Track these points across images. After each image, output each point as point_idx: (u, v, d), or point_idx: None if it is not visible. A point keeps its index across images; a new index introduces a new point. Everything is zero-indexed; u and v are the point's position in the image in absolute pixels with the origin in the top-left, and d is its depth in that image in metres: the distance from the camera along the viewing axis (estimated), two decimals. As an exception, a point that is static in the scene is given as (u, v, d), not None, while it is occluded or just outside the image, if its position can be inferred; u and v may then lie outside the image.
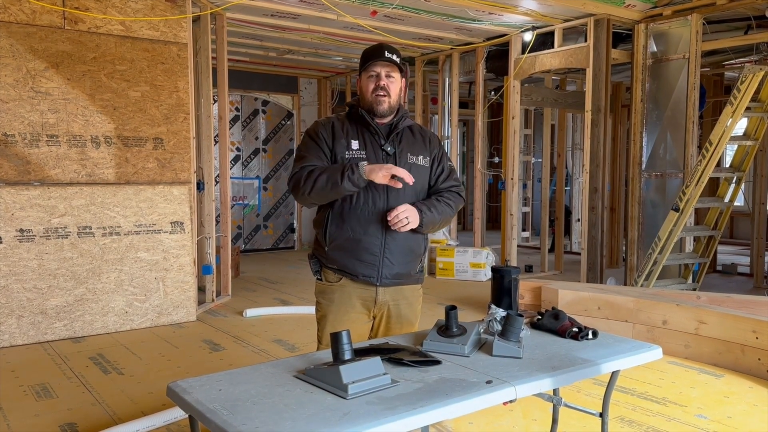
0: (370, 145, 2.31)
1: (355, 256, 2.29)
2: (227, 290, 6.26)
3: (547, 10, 6.13)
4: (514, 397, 1.75)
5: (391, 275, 2.33)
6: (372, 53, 2.31)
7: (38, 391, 3.62)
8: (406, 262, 2.36)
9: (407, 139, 2.38)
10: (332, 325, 2.32)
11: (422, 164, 2.38)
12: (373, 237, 2.28)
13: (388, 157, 2.31)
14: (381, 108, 2.30)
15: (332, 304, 2.36)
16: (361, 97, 2.35)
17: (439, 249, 7.49)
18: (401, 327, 2.41)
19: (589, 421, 3.05)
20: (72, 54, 4.72)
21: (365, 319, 2.38)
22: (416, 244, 2.38)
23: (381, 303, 2.36)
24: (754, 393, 3.61)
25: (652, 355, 2.13)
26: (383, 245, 2.29)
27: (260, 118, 9.67)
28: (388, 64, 2.29)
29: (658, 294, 4.75)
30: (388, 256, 2.30)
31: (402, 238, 2.31)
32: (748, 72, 5.22)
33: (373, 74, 2.30)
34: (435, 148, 2.44)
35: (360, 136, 2.32)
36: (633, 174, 6.39)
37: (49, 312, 4.66)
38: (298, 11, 6.02)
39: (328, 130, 2.33)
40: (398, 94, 2.34)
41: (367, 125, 2.33)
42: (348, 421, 1.49)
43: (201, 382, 1.76)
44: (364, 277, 2.31)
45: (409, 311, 2.43)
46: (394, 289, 2.37)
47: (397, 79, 2.33)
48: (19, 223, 4.54)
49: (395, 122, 2.35)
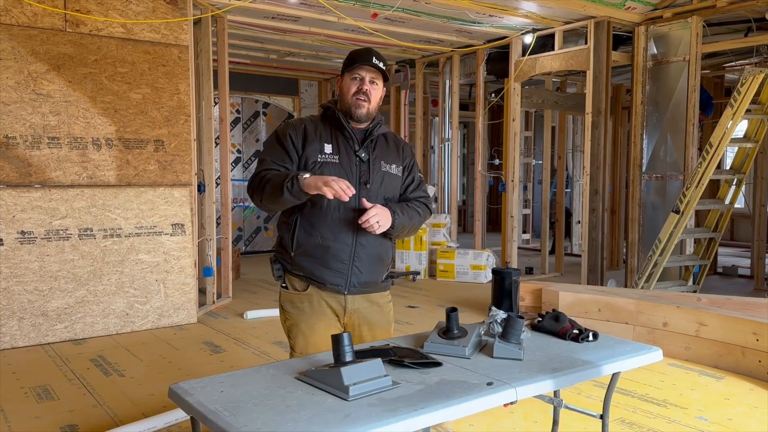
0: (343, 150, 2.26)
1: (324, 263, 2.25)
2: (228, 292, 6.27)
3: (547, 12, 6.14)
4: (515, 398, 1.76)
5: (360, 283, 2.30)
6: (359, 56, 2.27)
7: (39, 393, 3.62)
8: (374, 271, 2.33)
9: (381, 147, 2.34)
10: (305, 334, 2.29)
11: (395, 173, 2.35)
12: (342, 244, 2.23)
13: (362, 164, 2.27)
14: (359, 112, 2.26)
15: (302, 314, 2.31)
16: (341, 97, 2.30)
17: (440, 251, 7.49)
18: (373, 334, 2.37)
19: (589, 423, 3.05)
20: (73, 56, 4.73)
21: (336, 326, 2.34)
22: (384, 252, 2.36)
23: (351, 311, 2.33)
24: (755, 395, 3.61)
25: (653, 356, 2.13)
26: (353, 253, 2.25)
27: (261, 120, 9.68)
28: (373, 70, 2.26)
29: (658, 296, 4.75)
30: (357, 264, 2.26)
31: (371, 245, 2.28)
32: (749, 74, 5.22)
33: (357, 77, 2.26)
34: (407, 158, 2.42)
35: (334, 140, 2.27)
36: (633, 176, 6.39)
37: (50, 314, 4.67)
38: (299, 14, 6.03)
39: (299, 133, 2.27)
40: (378, 101, 2.31)
41: (342, 129, 2.28)
42: (349, 422, 1.50)
43: (203, 383, 1.76)
44: (332, 285, 2.27)
45: (380, 317, 2.40)
46: (363, 297, 2.34)
47: (380, 86, 2.30)
48: (21, 225, 4.54)
49: (371, 128, 2.32)
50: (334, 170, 2.22)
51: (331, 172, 2.20)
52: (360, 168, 2.27)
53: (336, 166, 2.23)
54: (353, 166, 2.26)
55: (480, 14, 6.14)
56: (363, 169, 2.27)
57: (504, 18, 6.29)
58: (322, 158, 2.23)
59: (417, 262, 7.54)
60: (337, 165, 2.23)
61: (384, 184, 2.30)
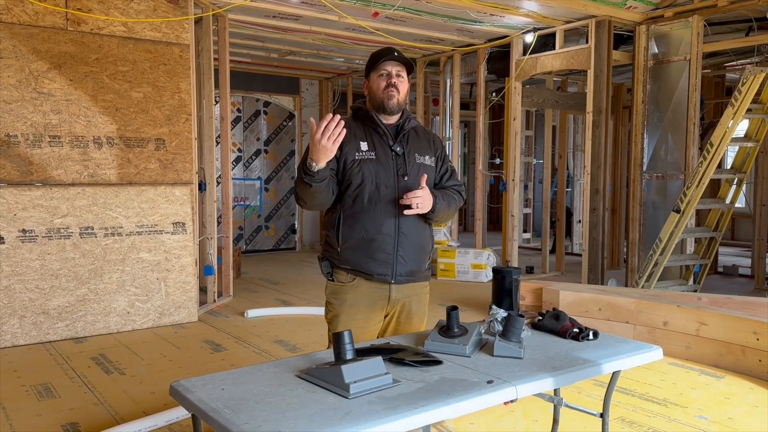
0: (379, 146, 2.34)
1: (369, 255, 2.31)
2: (229, 291, 6.27)
3: (548, 11, 6.14)
4: (515, 397, 1.76)
5: (405, 272, 2.36)
6: (382, 54, 2.36)
7: (40, 391, 3.63)
8: (417, 259, 2.39)
9: (414, 140, 2.42)
10: (345, 325, 2.32)
11: (429, 164, 2.42)
12: (386, 236, 2.30)
13: (398, 158, 2.34)
14: (391, 103, 2.33)
15: (344, 304, 2.36)
16: (371, 96, 2.39)
17: (441, 250, 7.49)
18: (410, 324, 2.44)
19: (589, 422, 3.05)
20: (74, 55, 4.73)
21: (378, 317, 2.40)
22: (425, 240, 2.43)
23: (394, 301, 2.38)
24: (755, 394, 3.61)
25: (653, 355, 2.14)
26: (396, 243, 2.31)
27: (262, 119, 9.68)
28: (398, 63, 2.35)
29: (659, 295, 4.75)
30: (401, 253, 2.33)
31: (413, 235, 2.35)
32: (749, 74, 5.22)
33: (384, 73, 2.34)
34: (438, 149, 2.51)
35: (368, 138, 2.35)
36: (634, 175, 6.39)
37: (51, 312, 4.68)
38: (300, 12, 6.03)
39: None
40: (406, 93, 2.39)
41: (375, 126, 2.36)
42: (350, 420, 1.50)
43: (204, 381, 1.77)
44: (379, 275, 2.33)
45: (418, 308, 2.46)
46: (407, 286, 2.39)
47: (405, 79, 2.38)
48: (22, 223, 4.55)
49: (401, 123, 2.39)
50: (372, 166, 2.30)
51: (369, 169, 2.29)
52: (396, 162, 2.34)
53: (374, 162, 2.30)
54: (390, 160, 2.33)
55: (481, 13, 6.14)
56: (399, 162, 2.34)
57: (505, 17, 6.29)
58: (359, 156, 2.30)
59: (417, 261, 7.53)
60: (374, 161, 2.30)
61: (420, 174, 2.34)
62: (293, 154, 9.98)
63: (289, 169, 9.96)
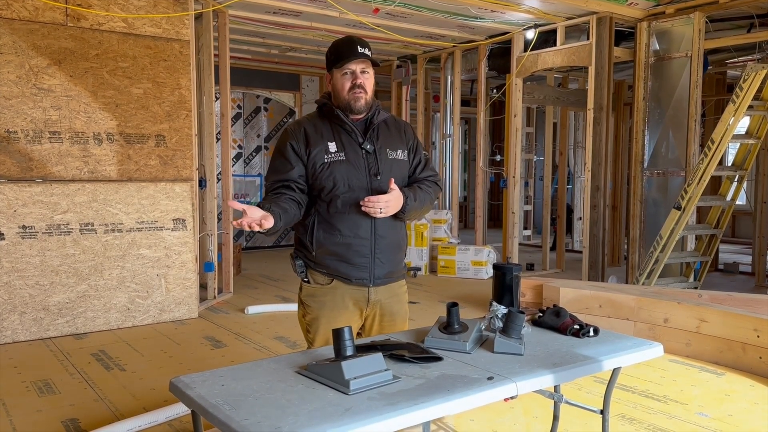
0: (348, 145, 2.25)
1: (346, 260, 2.26)
2: (229, 287, 6.27)
3: (549, 8, 6.13)
4: (515, 393, 1.76)
5: (383, 275, 2.32)
6: (344, 49, 2.22)
7: (40, 387, 3.63)
8: (394, 259, 2.35)
9: (384, 134, 2.32)
10: (326, 328, 2.27)
11: (402, 158, 2.34)
12: (363, 239, 2.25)
13: (368, 156, 2.25)
14: (358, 105, 2.23)
15: (324, 307, 2.31)
16: (335, 94, 2.27)
17: (441, 247, 7.49)
18: (394, 324, 2.39)
19: (590, 419, 3.05)
20: (74, 51, 4.72)
21: (357, 319, 2.35)
22: (402, 239, 2.39)
23: (373, 302, 2.34)
24: (755, 391, 3.61)
25: (653, 352, 2.13)
26: (374, 246, 2.27)
27: (262, 116, 9.67)
28: (362, 60, 2.22)
29: (659, 292, 4.75)
30: (378, 255, 2.28)
31: (390, 235, 2.30)
32: (751, 70, 5.21)
33: (348, 72, 2.22)
34: (410, 139, 2.40)
35: (336, 137, 2.25)
36: (635, 172, 6.38)
37: (51, 308, 4.67)
38: (301, 8, 6.02)
39: (300, 139, 2.24)
40: (372, 89, 2.28)
41: (342, 123, 2.26)
42: (350, 416, 1.50)
43: (203, 377, 1.77)
44: (357, 280, 2.28)
45: (399, 307, 2.42)
46: (385, 287, 2.35)
47: (371, 74, 2.27)
48: (22, 219, 4.55)
49: (370, 117, 2.30)
50: (343, 168, 2.22)
51: (340, 171, 2.21)
52: (367, 160, 2.26)
53: (344, 164, 2.22)
54: (360, 159, 2.25)
55: (482, 9, 6.12)
56: (371, 161, 2.26)
57: (506, 13, 6.28)
58: (328, 158, 2.22)
59: (418, 258, 7.54)
60: (344, 162, 2.22)
61: (393, 171, 2.29)
62: (294, 151, 9.95)
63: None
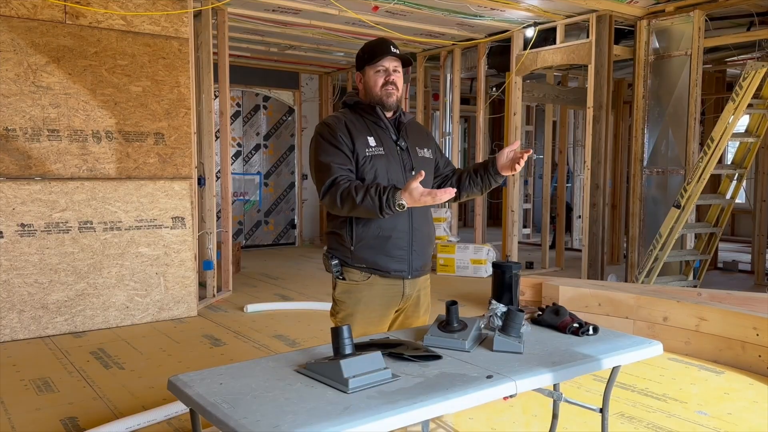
0: (385, 141, 2.32)
1: (386, 252, 2.29)
2: (228, 286, 6.27)
3: (549, 6, 6.12)
4: (515, 392, 1.75)
5: (420, 266, 2.38)
6: (379, 48, 2.32)
7: (39, 386, 3.63)
8: (428, 252, 2.43)
9: (413, 133, 2.43)
10: (360, 323, 2.29)
11: (429, 156, 2.44)
12: (401, 232, 2.30)
13: (403, 152, 2.34)
14: (390, 101, 2.32)
15: (359, 303, 2.32)
16: (368, 91, 2.34)
17: (440, 245, 7.49)
18: (417, 317, 2.46)
19: (589, 417, 3.05)
20: (73, 49, 4.71)
21: (390, 313, 2.40)
22: (433, 231, 2.48)
23: (408, 295, 2.39)
24: (755, 390, 3.61)
25: (653, 350, 2.13)
26: (410, 239, 2.32)
27: (261, 114, 9.66)
28: (395, 59, 2.32)
29: (658, 291, 4.75)
30: (415, 248, 2.34)
31: (424, 227, 2.37)
32: (751, 69, 5.20)
33: (381, 69, 2.31)
34: (431, 139, 2.56)
35: (374, 133, 2.32)
36: (634, 171, 6.38)
37: (50, 306, 4.67)
38: (300, 6, 6.00)
39: (344, 130, 2.26)
40: (403, 88, 2.38)
41: (378, 120, 2.34)
42: (349, 414, 1.49)
43: (202, 376, 1.76)
44: (395, 272, 2.32)
45: (425, 299, 2.50)
46: (418, 280, 2.41)
47: (401, 73, 2.36)
48: (21, 217, 4.54)
49: (398, 117, 2.39)
50: (382, 162, 2.28)
51: (380, 165, 2.27)
52: (402, 156, 2.34)
53: (383, 158, 2.29)
54: (396, 155, 2.33)
55: (482, 7, 6.11)
56: (405, 157, 2.35)
57: (505, 11, 6.27)
58: (369, 152, 2.28)
59: (417, 256, 7.52)
60: (383, 156, 2.29)
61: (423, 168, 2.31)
62: (293, 149, 9.96)
63: (289, 164, 9.95)
